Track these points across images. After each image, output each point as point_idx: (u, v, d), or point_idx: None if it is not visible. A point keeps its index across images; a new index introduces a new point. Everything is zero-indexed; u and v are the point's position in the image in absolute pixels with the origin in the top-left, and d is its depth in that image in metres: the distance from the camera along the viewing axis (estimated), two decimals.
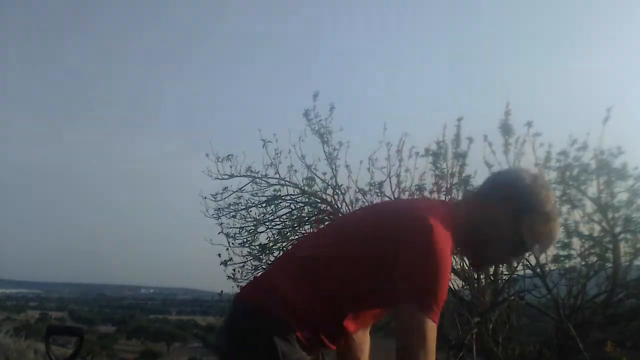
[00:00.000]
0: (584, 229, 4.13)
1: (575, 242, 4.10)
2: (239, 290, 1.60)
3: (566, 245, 4.09)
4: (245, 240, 5.25)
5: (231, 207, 5.27)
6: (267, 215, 5.29)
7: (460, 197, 4.31)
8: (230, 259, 5.16)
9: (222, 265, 5.14)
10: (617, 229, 3.98)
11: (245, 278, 5.15)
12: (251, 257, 5.18)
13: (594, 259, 4.10)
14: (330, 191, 5.03)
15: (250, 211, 5.28)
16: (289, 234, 5.23)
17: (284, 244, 5.21)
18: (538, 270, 4.08)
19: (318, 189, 5.10)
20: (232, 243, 5.19)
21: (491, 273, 4.16)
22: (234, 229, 5.27)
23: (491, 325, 3.94)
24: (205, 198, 5.26)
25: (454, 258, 4.38)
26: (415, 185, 4.64)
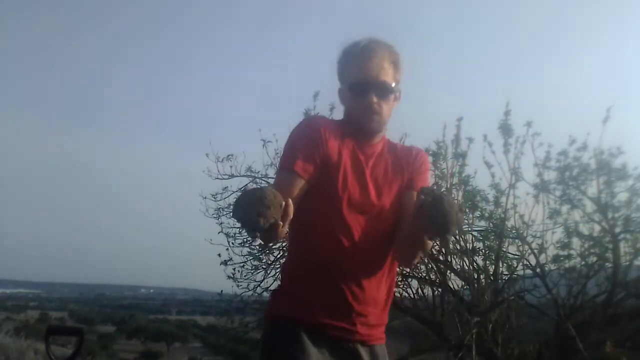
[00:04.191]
0: (584, 229, 4.13)
1: (575, 242, 4.10)
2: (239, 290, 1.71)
3: (566, 245, 4.08)
4: (245, 240, 5.24)
5: (231, 207, 5.25)
6: None
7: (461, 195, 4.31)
8: (230, 259, 5.14)
9: (222, 265, 5.13)
10: (617, 229, 3.98)
11: (245, 278, 5.14)
12: (251, 257, 5.18)
13: (593, 259, 4.10)
14: None
15: None
16: None
17: (284, 244, 5.21)
18: (538, 270, 4.07)
19: None
20: (232, 243, 5.18)
21: (491, 273, 4.16)
22: (234, 228, 5.26)
23: (491, 325, 3.95)
24: (205, 198, 5.25)
25: (454, 259, 4.37)
26: None
